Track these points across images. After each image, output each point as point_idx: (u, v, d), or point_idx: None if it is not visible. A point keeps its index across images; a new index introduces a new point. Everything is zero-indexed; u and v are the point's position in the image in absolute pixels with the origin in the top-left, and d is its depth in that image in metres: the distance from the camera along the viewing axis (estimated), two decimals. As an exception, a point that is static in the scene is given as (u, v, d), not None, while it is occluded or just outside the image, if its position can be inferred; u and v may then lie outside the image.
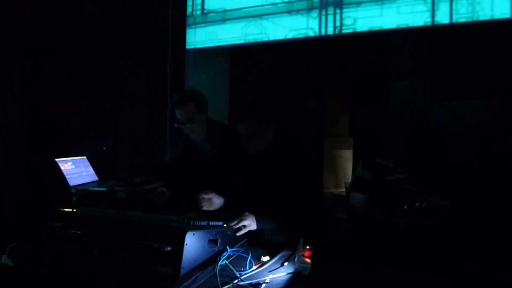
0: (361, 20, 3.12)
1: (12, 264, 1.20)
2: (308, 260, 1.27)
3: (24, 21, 3.68)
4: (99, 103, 4.15)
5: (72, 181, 2.80)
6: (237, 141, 1.96)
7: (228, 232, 1.44)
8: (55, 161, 2.79)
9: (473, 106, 4.49)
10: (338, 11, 3.20)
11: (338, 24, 3.21)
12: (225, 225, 1.51)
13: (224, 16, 3.68)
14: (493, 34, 3.91)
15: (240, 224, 1.57)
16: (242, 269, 1.28)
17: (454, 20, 2.85)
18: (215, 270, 1.22)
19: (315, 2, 3.29)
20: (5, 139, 3.65)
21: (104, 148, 3.71)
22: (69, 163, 2.90)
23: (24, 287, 1.18)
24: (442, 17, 2.88)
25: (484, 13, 2.76)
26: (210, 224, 1.41)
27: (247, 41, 3.59)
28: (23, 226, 1.37)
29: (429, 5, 2.91)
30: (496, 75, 4.25)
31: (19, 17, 3.66)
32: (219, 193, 1.91)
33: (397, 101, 4.74)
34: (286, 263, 1.36)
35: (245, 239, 1.52)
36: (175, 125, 2.25)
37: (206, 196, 1.82)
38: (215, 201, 1.85)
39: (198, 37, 3.82)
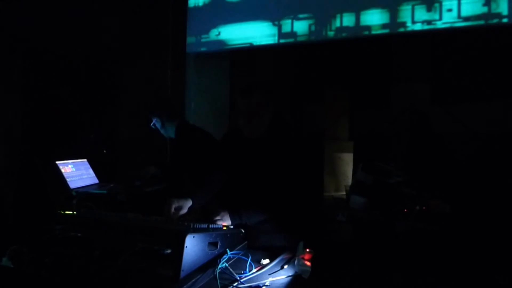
0: (361, 23, 3.13)
1: (12, 267, 1.20)
2: (308, 263, 1.27)
3: (25, 24, 3.69)
4: (100, 106, 4.16)
5: (73, 184, 2.80)
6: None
7: (228, 235, 1.44)
8: (56, 164, 2.79)
9: (474, 109, 4.49)
10: (338, 15, 3.21)
11: (338, 26, 3.22)
12: (224, 227, 1.52)
13: (225, 20, 3.70)
14: (493, 37, 3.92)
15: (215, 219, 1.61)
16: (242, 271, 1.28)
17: (455, 24, 2.86)
18: (215, 273, 1.21)
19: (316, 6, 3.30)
20: (6, 141, 3.66)
21: (105, 151, 3.71)
22: (69, 166, 2.91)
23: (24, 290, 1.18)
24: (443, 21, 2.89)
25: (484, 17, 2.77)
26: (210, 226, 1.42)
27: (247, 44, 3.60)
28: (23, 229, 1.37)
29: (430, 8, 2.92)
30: (497, 78, 4.25)
31: (20, 20, 3.67)
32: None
33: (398, 104, 4.74)
34: (286, 266, 1.36)
35: (245, 242, 1.53)
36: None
37: (177, 205, 1.74)
38: (186, 205, 1.78)
39: (199, 40, 3.84)
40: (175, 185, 2.71)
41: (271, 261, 1.39)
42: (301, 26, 3.38)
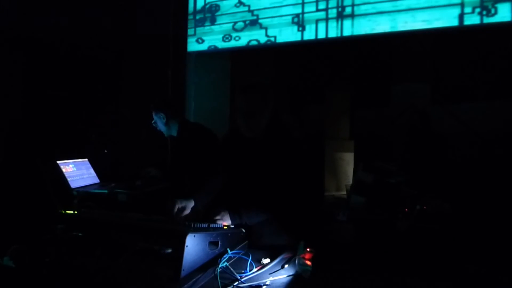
0: (362, 22, 3.13)
1: (14, 266, 1.21)
2: (308, 263, 1.27)
3: (26, 24, 3.69)
4: (101, 106, 4.17)
5: (74, 184, 2.81)
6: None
7: (229, 234, 1.44)
8: (57, 163, 2.80)
9: (474, 108, 4.49)
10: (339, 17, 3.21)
11: (339, 26, 3.23)
12: (225, 227, 1.52)
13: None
14: (494, 37, 3.92)
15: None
16: (243, 271, 1.28)
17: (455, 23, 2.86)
18: (216, 272, 1.22)
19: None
20: (7, 141, 3.66)
21: (106, 151, 3.72)
22: (70, 166, 2.91)
23: (26, 289, 1.18)
24: (444, 21, 2.89)
25: (485, 16, 2.77)
26: (210, 226, 1.42)
27: (248, 43, 3.60)
28: (24, 228, 1.37)
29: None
30: (497, 78, 4.25)
31: (21, 20, 3.68)
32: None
33: (398, 103, 4.74)
34: (286, 266, 1.36)
35: (246, 241, 1.53)
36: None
37: (180, 206, 1.76)
38: (189, 206, 1.80)
39: (199, 40, 3.84)
40: (177, 185, 2.71)
41: (271, 261, 1.39)
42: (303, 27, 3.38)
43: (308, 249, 1.33)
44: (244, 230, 1.54)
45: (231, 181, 1.94)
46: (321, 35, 3.29)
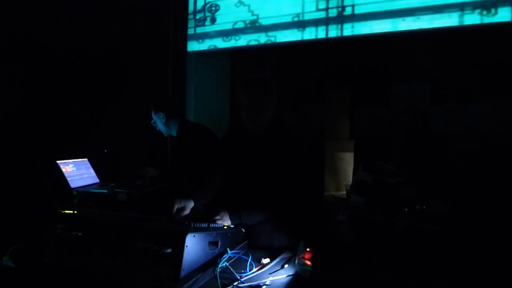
0: (363, 22, 3.13)
1: (13, 266, 1.21)
2: (308, 263, 1.27)
3: (26, 24, 3.69)
4: (101, 106, 4.17)
5: (73, 183, 2.81)
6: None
7: (229, 234, 1.44)
8: (57, 163, 2.80)
9: (474, 108, 4.49)
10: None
11: (339, 26, 3.23)
12: (225, 227, 1.52)
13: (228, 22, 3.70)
14: (494, 37, 3.92)
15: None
16: (243, 271, 1.29)
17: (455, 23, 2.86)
18: (215, 272, 1.22)
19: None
20: (7, 140, 3.66)
21: (106, 151, 3.72)
22: (70, 165, 2.91)
23: (25, 289, 1.18)
24: (444, 21, 2.89)
25: (485, 16, 2.77)
26: (210, 226, 1.42)
27: (248, 43, 3.60)
28: (24, 228, 1.37)
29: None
30: (497, 78, 4.25)
31: (22, 20, 3.68)
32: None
33: (398, 103, 4.74)
34: (286, 265, 1.36)
35: (246, 241, 1.53)
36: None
37: (179, 206, 1.76)
38: (188, 206, 1.80)
39: (199, 40, 3.84)
40: (176, 185, 2.70)
41: (271, 261, 1.39)
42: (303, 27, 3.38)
43: (308, 249, 1.33)
44: (244, 230, 1.54)
45: (231, 180, 1.94)
46: (321, 35, 3.29)
